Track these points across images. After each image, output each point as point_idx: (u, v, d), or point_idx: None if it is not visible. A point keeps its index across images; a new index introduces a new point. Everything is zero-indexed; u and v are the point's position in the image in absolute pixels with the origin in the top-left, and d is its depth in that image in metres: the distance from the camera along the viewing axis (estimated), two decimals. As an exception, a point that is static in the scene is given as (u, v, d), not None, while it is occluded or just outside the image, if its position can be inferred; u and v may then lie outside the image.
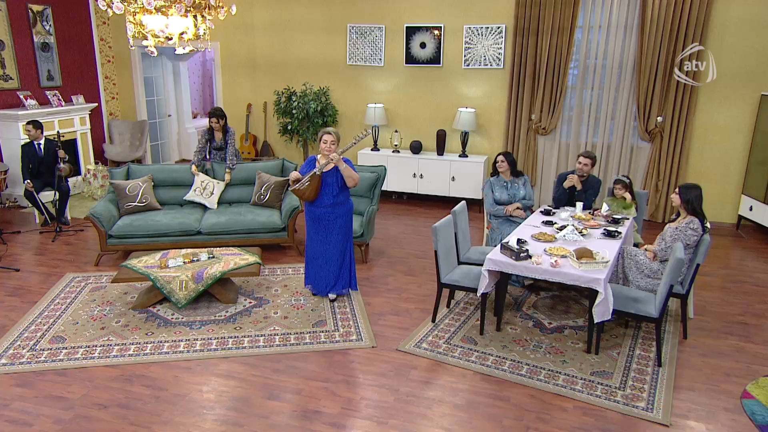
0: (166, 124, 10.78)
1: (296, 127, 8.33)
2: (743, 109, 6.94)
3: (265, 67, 8.91)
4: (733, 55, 6.80)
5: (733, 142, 7.09)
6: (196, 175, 6.51)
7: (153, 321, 4.74)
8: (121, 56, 9.66)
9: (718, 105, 7.02)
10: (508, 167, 5.61)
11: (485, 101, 7.99)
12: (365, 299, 5.21)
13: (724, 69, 6.87)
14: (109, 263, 6.00)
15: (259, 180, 6.53)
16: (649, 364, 4.11)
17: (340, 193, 4.88)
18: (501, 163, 5.60)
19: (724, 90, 6.95)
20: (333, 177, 4.82)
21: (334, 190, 4.85)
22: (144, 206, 6.22)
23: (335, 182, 4.84)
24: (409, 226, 7.38)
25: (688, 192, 4.39)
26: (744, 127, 6.98)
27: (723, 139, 7.12)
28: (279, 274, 5.73)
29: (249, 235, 6.07)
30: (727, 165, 7.18)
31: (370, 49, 8.30)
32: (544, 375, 3.99)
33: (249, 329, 4.62)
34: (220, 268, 4.89)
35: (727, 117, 7.03)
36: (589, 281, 3.97)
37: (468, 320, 4.81)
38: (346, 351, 4.33)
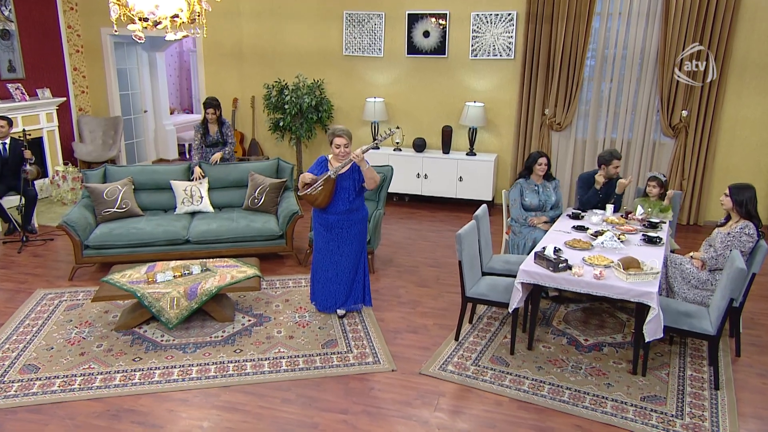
0: (141, 121, 10.34)
1: (288, 123, 7.99)
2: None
3: (253, 58, 8.56)
4: (765, 43, 6.63)
5: (764, 137, 6.93)
6: (199, 180, 6.18)
7: (140, 344, 4.38)
8: (92, 45, 9.21)
9: (747, 97, 6.86)
10: (546, 169, 5.35)
11: (494, 95, 7.73)
12: (377, 314, 4.91)
13: (754, 58, 6.70)
14: (85, 277, 5.61)
15: (252, 182, 6.18)
16: (704, 387, 3.87)
17: (356, 198, 4.57)
18: (542, 166, 5.31)
19: (755, 80, 6.78)
20: (348, 180, 4.50)
21: (350, 194, 4.53)
22: (124, 212, 5.85)
23: (351, 186, 4.51)
24: (415, 231, 7.10)
25: (740, 193, 4.16)
26: (775, 120, 6.83)
27: (753, 134, 6.95)
28: (279, 287, 5.40)
29: (243, 243, 5.73)
30: (758, 161, 7.01)
31: (369, 38, 7.99)
32: (589, 401, 3.72)
33: (251, 352, 4.29)
34: (215, 282, 4.55)
35: (758, 110, 6.86)
36: (639, 295, 3.71)
37: (494, 337, 4.53)
38: (364, 376, 4.02)
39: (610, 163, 5.31)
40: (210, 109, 6.37)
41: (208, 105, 6.38)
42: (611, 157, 5.28)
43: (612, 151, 5.32)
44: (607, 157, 5.30)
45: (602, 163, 5.35)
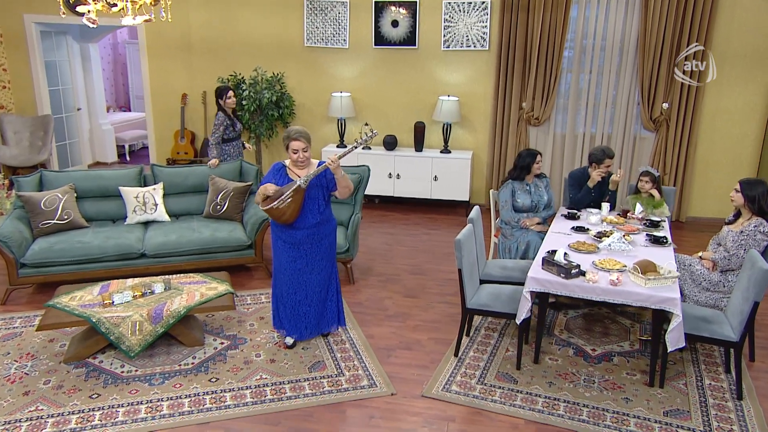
0: (75, 120, 9.64)
1: (247, 121, 7.58)
2: (755, 92, 6.88)
3: (204, 50, 8.09)
4: (744, 32, 6.73)
5: (743, 129, 7.03)
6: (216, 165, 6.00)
7: (97, 378, 3.94)
8: (13, 35, 8.46)
9: (727, 88, 6.94)
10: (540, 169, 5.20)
11: (469, 88, 7.57)
12: (365, 330, 4.63)
13: (734, 49, 6.78)
14: (21, 300, 5.07)
15: (213, 187, 5.78)
16: (726, 397, 3.78)
17: (326, 208, 4.16)
18: (538, 165, 5.14)
19: (735, 71, 6.86)
20: (318, 188, 4.07)
21: (320, 205, 4.10)
22: (66, 224, 5.33)
23: (321, 195, 4.09)
24: (390, 236, 6.84)
25: (752, 188, 4.10)
26: (756, 112, 6.93)
27: (733, 126, 7.05)
28: (250, 303, 5.03)
29: (207, 256, 5.33)
30: (739, 154, 7.12)
31: (332, 28, 7.68)
32: (610, 419, 3.57)
33: (228, 380, 3.92)
34: (183, 302, 4.16)
35: (738, 100, 6.95)
36: (661, 301, 3.58)
37: (496, 351, 4.33)
38: (361, 402, 3.74)
39: (602, 162, 5.20)
40: (231, 92, 6.15)
41: (226, 89, 6.15)
42: (603, 155, 5.17)
43: (605, 148, 5.20)
44: (600, 156, 5.18)
45: (594, 161, 5.23)
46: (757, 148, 7.02)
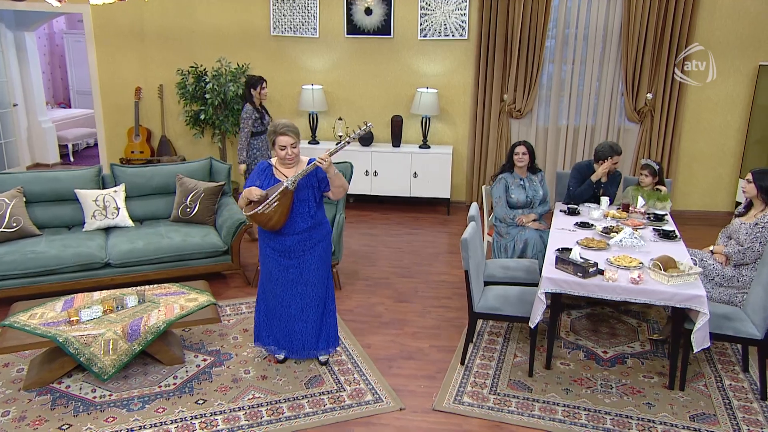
0: (10, 117, 9.02)
1: (211, 116, 7.22)
2: (739, 81, 6.99)
3: (159, 39, 7.67)
4: (727, 20, 6.82)
5: (727, 119, 7.14)
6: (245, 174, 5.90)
7: (65, 405, 3.59)
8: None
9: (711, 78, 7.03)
10: (529, 161, 5.07)
11: (447, 80, 7.43)
12: (361, 340, 4.41)
13: (718, 37, 6.87)
14: (-33, 319, 4.63)
15: (181, 188, 5.44)
16: (750, 398, 3.74)
17: (317, 210, 3.86)
18: (522, 156, 5.02)
19: (718, 60, 6.95)
20: (308, 189, 3.76)
21: (311, 207, 3.79)
22: (14, 232, 4.91)
23: (312, 196, 3.78)
24: (372, 237, 6.64)
25: (765, 178, 4.08)
26: (740, 102, 7.05)
27: (716, 116, 7.15)
28: (230, 314, 4.74)
29: (179, 263, 5.01)
30: (722, 146, 7.22)
31: (301, 15, 7.41)
32: (636, 426, 3.47)
33: (218, 401, 3.64)
34: (162, 316, 3.85)
35: (722, 90, 7.05)
36: (687, 299, 3.50)
37: (503, 357, 4.19)
38: (368, 419, 3.53)
39: (609, 158, 5.15)
40: (265, 82, 6.01)
41: (260, 79, 5.97)
42: (611, 151, 5.13)
43: (612, 144, 5.15)
44: (607, 152, 5.13)
45: (600, 158, 5.18)
46: (740, 138, 7.14)
